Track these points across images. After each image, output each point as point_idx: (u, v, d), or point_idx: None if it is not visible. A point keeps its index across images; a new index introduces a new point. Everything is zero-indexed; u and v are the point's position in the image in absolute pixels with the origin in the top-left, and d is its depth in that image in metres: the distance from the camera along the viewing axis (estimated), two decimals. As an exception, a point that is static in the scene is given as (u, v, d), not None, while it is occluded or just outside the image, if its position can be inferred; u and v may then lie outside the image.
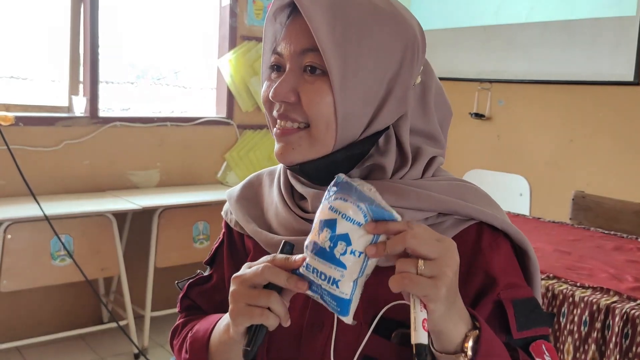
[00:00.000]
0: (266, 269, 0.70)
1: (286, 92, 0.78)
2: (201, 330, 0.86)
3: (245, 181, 0.97)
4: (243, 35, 3.75)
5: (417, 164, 0.82)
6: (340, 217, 0.66)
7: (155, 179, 3.57)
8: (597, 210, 2.28)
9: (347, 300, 0.66)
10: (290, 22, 0.80)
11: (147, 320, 3.24)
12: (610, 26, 3.15)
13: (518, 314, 0.78)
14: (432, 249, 0.64)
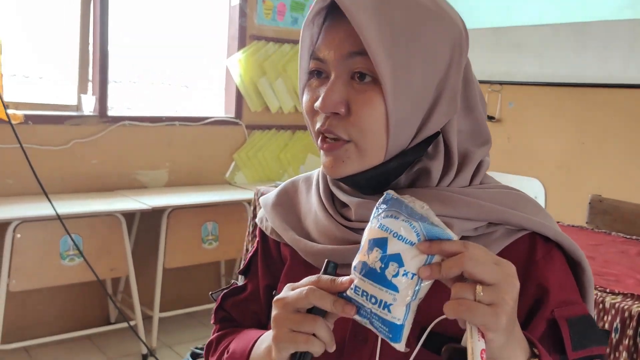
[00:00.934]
0: (311, 292, 0.66)
1: (336, 102, 0.73)
2: (238, 351, 0.83)
3: (280, 188, 0.93)
4: (253, 35, 3.73)
5: (465, 168, 0.79)
6: (392, 236, 0.62)
7: (163, 178, 3.54)
8: (615, 214, 2.27)
9: (399, 325, 0.62)
10: (330, 25, 0.75)
11: (155, 321, 3.22)
12: (624, 29, 3.13)
13: (573, 333, 0.74)
14: (491, 274, 0.60)
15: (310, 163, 4.10)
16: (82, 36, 3.28)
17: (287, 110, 3.92)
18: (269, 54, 3.79)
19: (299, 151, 4.03)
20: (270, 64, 3.78)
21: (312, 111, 0.78)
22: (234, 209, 3.43)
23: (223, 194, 3.47)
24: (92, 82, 3.33)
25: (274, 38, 3.81)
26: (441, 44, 0.74)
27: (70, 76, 3.32)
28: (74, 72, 3.31)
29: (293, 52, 3.88)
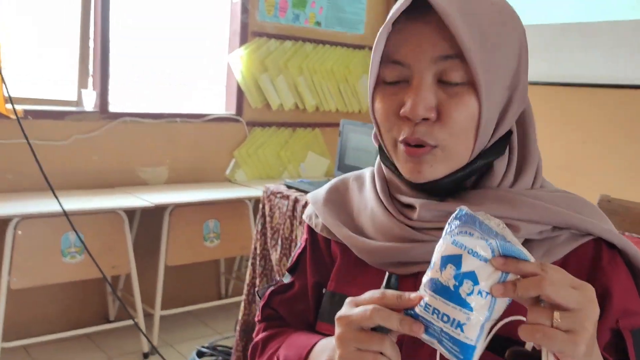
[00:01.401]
0: (375, 312, 0.63)
1: (427, 108, 0.71)
2: (291, 358, 0.81)
3: (329, 185, 0.92)
4: (254, 31, 3.70)
5: (529, 168, 0.78)
6: (466, 252, 0.59)
7: (164, 175, 3.51)
8: (625, 215, 2.27)
9: (472, 346, 0.60)
10: (410, 26, 0.72)
11: (156, 319, 3.19)
12: (630, 29, 3.14)
13: (636, 344, 0.73)
14: (571, 298, 0.58)
15: (311, 161, 4.08)
16: (83, 30, 3.23)
17: (287, 107, 3.89)
18: (270, 50, 3.76)
19: (299, 149, 4.01)
20: (271, 60, 3.75)
21: (392, 119, 0.75)
22: (236, 206, 3.41)
23: (224, 191, 3.44)
24: (93, 78, 3.28)
25: (275, 35, 3.78)
26: (514, 43, 0.74)
27: (71, 71, 3.27)
28: (74, 66, 3.26)
29: (294, 49, 3.86)
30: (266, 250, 2.45)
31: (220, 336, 3.15)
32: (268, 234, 2.43)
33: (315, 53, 3.96)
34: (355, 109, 4.22)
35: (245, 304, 2.49)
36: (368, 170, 0.90)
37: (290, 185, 2.47)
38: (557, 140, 3.40)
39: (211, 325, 3.50)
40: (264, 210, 2.47)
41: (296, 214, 2.30)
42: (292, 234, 2.31)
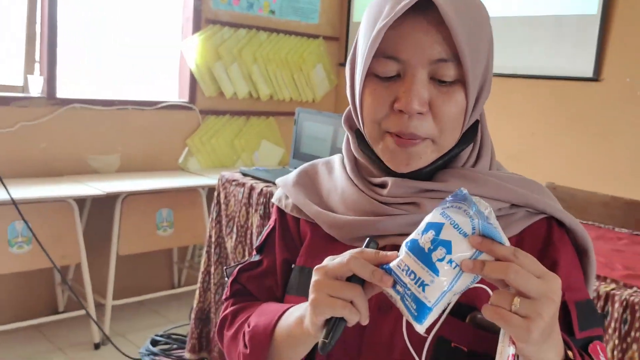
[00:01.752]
0: (352, 259, 0.67)
1: (421, 103, 0.74)
2: (261, 325, 0.83)
3: (299, 170, 0.95)
4: (208, 19, 3.66)
5: (486, 152, 0.83)
6: (449, 222, 0.64)
7: (115, 163, 3.45)
8: (569, 202, 2.37)
9: (428, 307, 0.64)
10: (409, 24, 0.74)
11: (108, 309, 3.14)
12: (572, 23, 3.26)
13: (580, 315, 0.79)
14: (532, 287, 0.61)
15: (265, 149, 4.08)
16: (30, 13, 3.13)
17: (241, 96, 3.87)
18: (224, 38, 3.73)
19: (253, 137, 4.00)
20: (225, 48, 3.72)
21: (382, 111, 0.77)
22: (189, 195, 3.38)
23: (177, 180, 3.41)
24: (40, 62, 3.19)
25: (229, 22, 3.75)
26: (488, 39, 0.79)
27: (16, 55, 3.17)
28: (20, 50, 3.16)
29: (248, 37, 3.84)
30: (221, 238, 2.45)
31: (174, 325, 3.13)
32: (223, 222, 2.43)
33: (270, 42, 3.95)
34: (310, 98, 4.24)
35: (200, 291, 2.49)
36: (337, 156, 0.94)
37: (246, 173, 2.47)
38: (507, 131, 3.50)
39: (164, 315, 3.47)
40: (219, 198, 2.46)
41: (252, 201, 2.30)
42: (248, 222, 2.32)
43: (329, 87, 4.37)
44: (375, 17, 0.76)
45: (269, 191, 2.25)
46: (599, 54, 3.15)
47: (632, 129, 3.06)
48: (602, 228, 2.04)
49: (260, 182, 2.34)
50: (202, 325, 2.50)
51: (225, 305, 0.96)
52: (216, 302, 2.44)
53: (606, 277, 1.49)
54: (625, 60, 3.08)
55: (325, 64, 4.30)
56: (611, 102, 3.14)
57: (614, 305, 1.40)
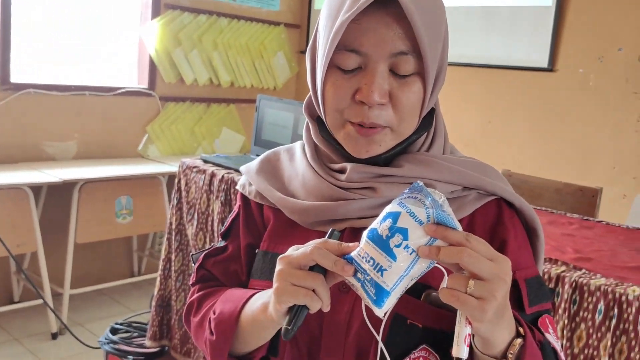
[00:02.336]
0: (315, 250, 0.70)
1: (382, 94, 0.77)
2: (226, 312, 0.85)
3: (261, 157, 0.97)
4: (167, 3, 3.61)
5: (439, 137, 0.86)
6: (405, 211, 0.67)
7: (72, 150, 3.38)
8: (523, 188, 2.44)
9: (386, 291, 0.67)
10: (371, 19, 0.76)
11: (65, 299, 3.10)
12: (528, 15, 3.34)
13: (529, 291, 0.83)
14: (485, 269, 0.65)
15: (226, 137, 4.06)
16: (-19, -5, 3.04)
17: (202, 82, 3.84)
18: (184, 24, 3.69)
19: (213, 124, 3.98)
20: (185, 34, 3.68)
21: (344, 102, 0.79)
22: (149, 182, 3.35)
23: (137, 167, 3.37)
24: (-7, 46, 3.10)
25: (189, 8, 3.71)
26: (444, 25, 0.81)
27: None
28: (-29, 34, 3.06)
29: (209, 23, 3.80)
30: (182, 225, 2.44)
31: (134, 313, 3.10)
32: (184, 209, 2.42)
33: (230, 28, 3.92)
34: (271, 85, 4.23)
35: (161, 279, 2.48)
36: (298, 143, 0.96)
37: (207, 159, 2.46)
38: (465, 118, 3.57)
39: (124, 303, 3.44)
40: (179, 185, 2.45)
41: (213, 188, 2.30)
42: (209, 209, 2.31)
43: (290, 74, 4.37)
44: (337, 8, 0.78)
45: (230, 178, 2.25)
46: (553, 45, 3.24)
47: (584, 118, 3.17)
48: (554, 214, 2.11)
49: (222, 169, 2.34)
50: (163, 313, 2.49)
51: (192, 291, 0.97)
52: (177, 290, 2.44)
53: (557, 260, 1.55)
54: (578, 51, 3.17)
55: (286, 51, 4.29)
56: (565, 92, 3.23)
57: (564, 287, 1.46)
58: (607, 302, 1.42)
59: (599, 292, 1.43)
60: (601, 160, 3.11)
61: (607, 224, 2.04)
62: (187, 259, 2.43)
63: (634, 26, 2.98)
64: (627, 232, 1.93)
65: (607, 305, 1.42)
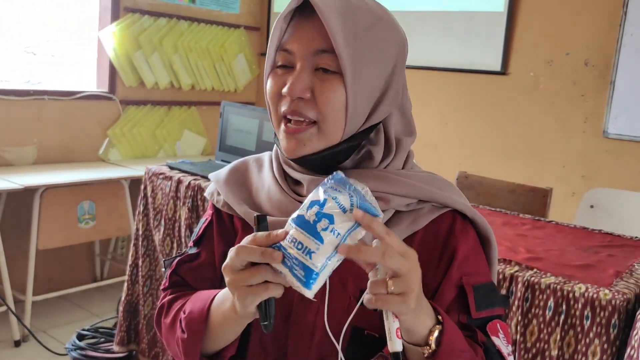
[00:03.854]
0: (240, 250, 0.75)
1: (302, 88, 0.83)
2: (196, 311, 0.89)
3: (230, 166, 1.01)
4: (127, 7, 3.60)
5: (399, 155, 0.92)
6: (331, 199, 0.72)
7: (31, 156, 3.35)
8: (479, 189, 2.55)
9: (315, 272, 0.71)
10: (300, 22, 0.85)
11: (28, 306, 3.07)
12: (481, 20, 3.46)
13: (477, 297, 0.89)
14: (401, 267, 0.72)
15: (187, 139, 4.07)
16: None
17: (163, 85, 3.84)
18: (144, 27, 3.68)
19: (175, 127, 3.99)
20: (145, 37, 3.68)
21: (277, 97, 0.87)
22: (111, 187, 3.34)
23: (98, 171, 3.36)
24: (-52, 51, 3.04)
25: (149, 11, 3.71)
26: (390, 47, 0.87)
27: None
28: None
29: (169, 27, 3.81)
30: (149, 231, 2.46)
31: (99, 319, 3.10)
32: (150, 215, 2.44)
33: (191, 31, 3.93)
34: (232, 87, 4.26)
35: (128, 284, 2.50)
36: (267, 154, 1.01)
37: (173, 166, 2.49)
38: (423, 120, 3.66)
39: (88, 308, 3.43)
40: (145, 192, 2.47)
41: (179, 194, 2.33)
42: (176, 214, 2.35)
43: (251, 77, 4.40)
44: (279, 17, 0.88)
45: (197, 184, 2.29)
46: (505, 49, 3.37)
47: (535, 119, 3.31)
48: (508, 214, 2.23)
49: (188, 175, 2.37)
50: (131, 318, 2.51)
51: (163, 295, 1.01)
52: (144, 295, 2.46)
53: (511, 260, 1.65)
54: (529, 55, 3.31)
55: (246, 54, 4.33)
56: (517, 95, 3.37)
57: (517, 286, 1.56)
58: (556, 299, 1.52)
59: (549, 290, 1.53)
60: (551, 159, 3.26)
61: (557, 223, 2.16)
62: (155, 264, 2.46)
63: (580, 32, 3.14)
64: (575, 232, 2.06)
65: (556, 302, 1.52)
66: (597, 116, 3.10)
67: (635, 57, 2.96)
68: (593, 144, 3.12)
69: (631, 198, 2.51)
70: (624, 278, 1.60)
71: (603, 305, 1.46)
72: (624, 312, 1.45)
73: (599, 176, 3.10)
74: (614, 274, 1.61)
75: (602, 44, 3.07)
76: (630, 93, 2.98)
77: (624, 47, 2.97)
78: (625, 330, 1.45)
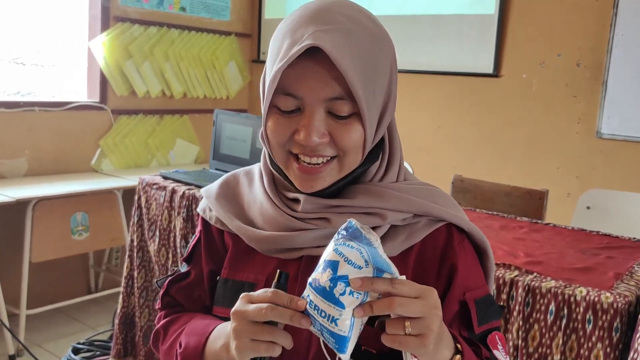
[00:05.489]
0: (270, 310, 0.72)
1: (320, 135, 0.80)
2: (191, 346, 0.88)
3: (221, 180, 1.00)
4: (116, 16, 3.58)
5: (392, 165, 0.91)
6: (343, 260, 0.70)
7: (22, 167, 3.32)
8: (475, 192, 2.54)
9: (345, 337, 0.71)
10: (307, 67, 0.79)
11: (22, 319, 3.04)
12: (472, 23, 3.46)
13: (479, 311, 0.89)
14: (417, 310, 0.70)
15: (180, 148, 4.05)
16: None
17: (154, 94, 3.82)
18: (134, 36, 3.66)
19: (167, 136, 3.96)
20: (136, 46, 3.66)
21: (285, 137, 0.83)
22: (104, 197, 3.32)
23: (91, 182, 3.33)
24: (-64, 64, 3.01)
25: (139, 20, 3.69)
26: (386, 61, 0.84)
27: None
28: None
29: (160, 35, 3.79)
30: (143, 242, 2.44)
31: (94, 331, 3.07)
32: (145, 226, 2.42)
33: (181, 39, 3.92)
34: (224, 95, 4.24)
35: (124, 296, 2.47)
36: (257, 167, 0.99)
37: (166, 176, 2.47)
38: (416, 124, 3.67)
39: (83, 321, 3.40)
40: (139, 202, 2.45)
41: (174, 204, 2.31)
42: (171, 225, 2.32)
43: (243, 84, 4.39)
44: (276, 52, 0.81)
45: (191, 194, 2.27)
46: (497, 51, 3.37)
47: (528, 121, 3.31)
48: (505, 218, 2.22)
49: (182, 185, 2.35)
50: (127, 330, 2.48)
51: (158, 317, 1.01)
52: (140, 306, 2.44)
53: (510, 264, 1.64)
54: (521, 57, 3.32)
55: (238, 61, 4.31)
56: (510, 97, 3.37)
57: (518, 291, 1.55)
58: (557, 304, 1.51)
59: (550, 294, 1.52)
60: (546, 161, 3.26)
61: (555, 226, 2.16)
62: (151, 275, 2.44)
63: (572, 33, 3.14)
64: (573, 234, 2.05)
65: (558, 306, 1.51)
66: (590, 117, 3.10)
67: (626, 57, 2.96)
68: (587, 144, 3.13)
69: (628, 199, 2.51)
70: (625, 280, 1.59)
71: (605, 308, 1.45)
72: (625, 315, 1.44)
73: (593, 177, 3.10)
74: (614, 276, 1.60)
75: (593, 45, 3.08)
76: (622, 93, 2.99)
77: (615, 47, 2.98)
78: (627, 334, 1.44)
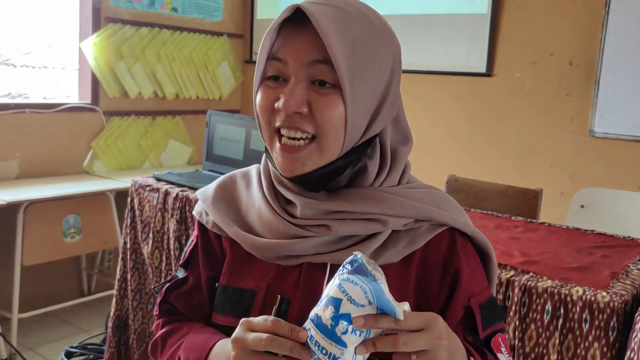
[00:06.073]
0: (269, 341, 0.71)
1: (299, 102, 0.79)
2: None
3: (217, 183, 0.97)
4: (108, 17, 3.56)
5: (395, 169, 0.89)
6: (346, 299, 0.69)
7: (13, 170, 3.29)
8: (469, 192, 2.54)
9: None
10: (293, 32, 0.80)
11: (14, 323, 3.01)
12: (465, 22, 3.46)
13: (483, 316, 0.88)
14: (422, 343, 0.70)
15: (173, 149, 4.03)
16: None
17: (147, 95, 3.80)
18: (126, 37, 3.64)
19: (160, 137, 3.94)
20: (127, 47, 3.63)
21: (269, 110, 0.82)
22: (97, 199, 3.29)
23: (83, 184, 3.30)
24: None
25: (130, 21, 3.66)
26: (386, 56, 0.83)
27: None
28: None
29: (151, 36, 3.77)
30: (137, 245, 2.42)
31: (88, 334, 3.05)
32: (138, 228, 2.40)
33: (173, 40, 3.89)
34: (216, 95, 4.22)
35: (117, 299, 2.45)
36: (255, 168, 0.97)
37: (159, 177, 2.45)
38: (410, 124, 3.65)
39: (75, 324, 3.37)
40: (132, 204, 2.43)
41: (167, 206, 2.30)
42: (164, 227, 2.31)
43: (235, 84, 4.37)
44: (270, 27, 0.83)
45: (184, 196, 2.25)
46: (490, 51, 3.37)
47: (522, 120, 3.31)
48: (500, 217, 2.22)
49: (175, 187, 2.34)
50: (120, 333, 2.46)
51: (155, 325, 0.99)
52: (134, 309, 2.42)
53: (506, 264, 1.64)
54: (514, 57, 3.32)
55: (230, 61, 4.29)
56: (503, 96, 3.37)
57: (514, 291, 1.55)
58: (553, 303, 1.51)
59: (546, 294, 1.52)
60: (539, 159, 3.26)
61: (549, 225, 2.16)
62: (144, 278, 2.42)
63: (564, 32, 3.15)
64: (568, 233, 2.05)
65: (554, 306, 1.51)
66: (583, 116, 3.11)
67: (619, 56, 2.97)
68: (580, 143, 3.13)
69: (621, 197, 2.52)
70: (620, 279, 1.59)
71: (601, 307, 1.45)
72: (622, 314, 1.44)
73: (587, 175, 3.11)
74: (609, 276, 1.60)
75: (586, 43, 3.08)
76: (614, 92, 3.00)
77: (607, 46, 2.99)
78: (624, 333, 1.44)
